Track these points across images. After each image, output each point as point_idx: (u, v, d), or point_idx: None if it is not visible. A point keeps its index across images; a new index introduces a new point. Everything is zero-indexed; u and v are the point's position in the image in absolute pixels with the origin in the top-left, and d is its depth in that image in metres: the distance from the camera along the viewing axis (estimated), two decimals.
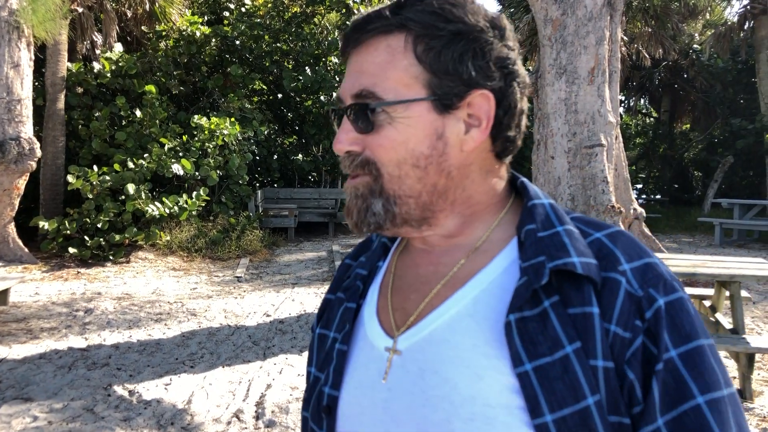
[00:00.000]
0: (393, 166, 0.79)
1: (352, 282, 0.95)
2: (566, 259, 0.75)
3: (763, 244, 12.42)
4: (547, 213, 0.83)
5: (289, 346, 5.58)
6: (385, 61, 0.79)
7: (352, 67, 0.81)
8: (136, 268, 9.12)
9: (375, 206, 0.81)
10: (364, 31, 0.80)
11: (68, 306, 6.87)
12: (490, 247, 0.83)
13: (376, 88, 0.78)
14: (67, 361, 5.07)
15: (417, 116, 0.78)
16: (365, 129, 0.80)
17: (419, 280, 0.87)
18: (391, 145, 0.79)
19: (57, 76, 10.50)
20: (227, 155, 11.72)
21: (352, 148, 0.81)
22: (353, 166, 0.81)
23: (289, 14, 15.96)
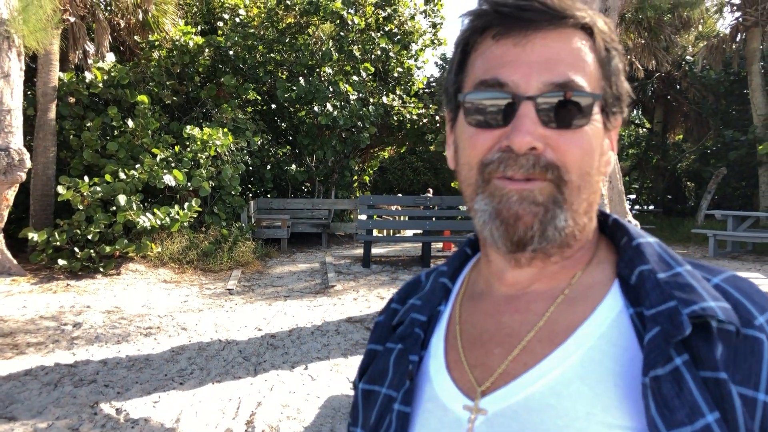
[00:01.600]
0: (578, 173, 0.69)
1: (409, 329, 0.82)
2: (703, 304, 0.64)
3: (757, 255, 12.41)
4: (659, 253, 0.73)
5: (280, 362, 5.49)
6: (583, 55, 0.70)
7: (536, 50, 0.69)
8: (126, 280, 9.01)
9: (560, 219, 0.69)
10: (554, 16, 0.69)
11: (56, 320, 6.76)
12: (589, 293, 0.72)
13: (583, 81, 0.69)
14: (53, 377, 4.96)
15: (600, 122, 0.71)
16: (565, 125, 0.68)
17: (503, 331, 0.74)
18: (585, 149, 0.69)
19: (48, 86, 10.41)
20: (220, 166, 11.65)
21: (537, 144, 0.67)
22: (537, 168, 0.67)
23: (283, 25, 15.95)
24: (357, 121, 14.81)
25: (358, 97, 15.37)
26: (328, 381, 5.01)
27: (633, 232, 0.75)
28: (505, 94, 0.69)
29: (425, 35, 18.50)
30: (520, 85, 0.68)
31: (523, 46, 0.69)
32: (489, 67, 0.71)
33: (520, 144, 0.67)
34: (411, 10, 17.77)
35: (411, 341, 0.81)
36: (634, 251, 0.73)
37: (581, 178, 0.69)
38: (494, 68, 0.70)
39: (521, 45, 0.69)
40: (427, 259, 10.83)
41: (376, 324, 0.93)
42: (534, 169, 0.68)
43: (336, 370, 5.27)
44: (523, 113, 0.67)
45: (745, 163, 16.85)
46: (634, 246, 0.73)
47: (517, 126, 0.67)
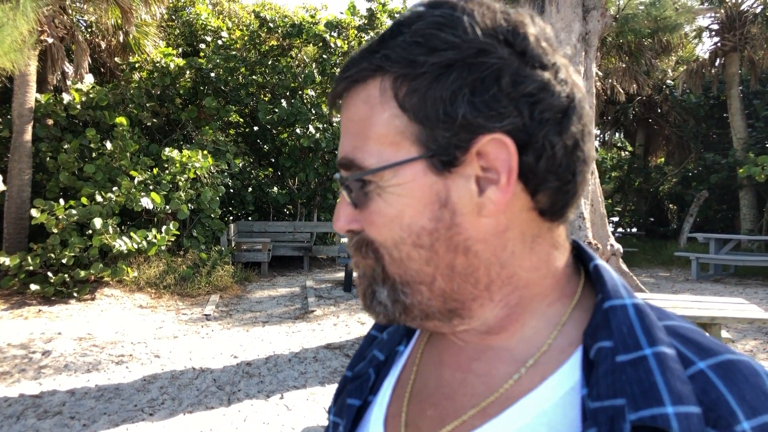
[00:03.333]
0: (391, 246, 0.60)
1: (365, 367, 0.76)
2: (655, 410, 0.51)
3: (739, 278, 12.42)
4: (631, 323, 0.58)
5: (255, 391, 5.32)
6: (364, 117, 0.60)
7: (341, 127, 0.64)
8: (101, 305, 8.80)
9: (380, 294, 0.63)
10: (342, 79, 0.62)
11: (25, 347, 6.55)
12: (543, 358, 0.61)
13: (356, 153, 0.60)
14: (16, 409, 4.76)
15: (410, 182, 0.58)
16: (355, 204, 0.63)
17: (441, 390, 0.66)
18: (382, 222, 0.60)
19: (24, 107, 10.24)
20: (199, 188, 11.50)
21: (351, 227, 0.63)
22: (354, 249, 0.64)
23: (266, 47, 15.93)
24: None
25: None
26: (304, 411, 4.85)
27: (610, 289, 0.62)
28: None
29: None
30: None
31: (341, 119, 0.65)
32: None
33: (336, 228, 0.65)
34: None
35: (360, 383, 0.75)
36: (602, 317, 0.60)
37: (396, 247, 0.60)
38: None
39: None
40: None
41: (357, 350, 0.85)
42: (353, 249, 0.64)
43: (313, 400, 5.11)
44: (341, 196, 0.65)
45: (726, 186, 16.99)
46: (604, 310, 0.60)
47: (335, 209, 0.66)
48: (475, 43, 0.56)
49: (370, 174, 0.59)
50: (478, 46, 0.56)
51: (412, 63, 0.57)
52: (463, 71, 0.56)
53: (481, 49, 0.56)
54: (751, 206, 15.96)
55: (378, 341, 0.80)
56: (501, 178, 0.58)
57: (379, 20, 16.90)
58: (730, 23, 16.27)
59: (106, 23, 12.62)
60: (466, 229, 0.59)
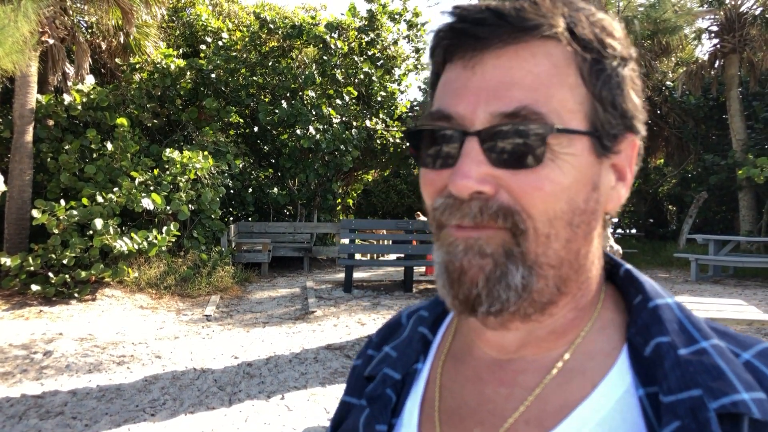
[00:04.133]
0: (546, 220, 0.56)
1: (379, 389, 0.70)
2: (735, 396, 0.52)
3: (738, 280, 12.44)
4: (680, 319, 0.59)
5: (256, 392, 5.34)
6: (549, 74, 0.56)
7: (487, 74, 0.56)
8: (101, 306, 8.82)
9: (513, 277, 0.56)
10: (514, 27, 0.56)
11: (26, 348, 6.57)
12: (589, 365, 0.60)
13: (541, 107, 0.55)
14: (18, 410, 4.78)
15: (579, 155, 0.57)
16: (521, 163, 0.55)
17: (485, 407, 0.62)
18: (553, 190, 0.56)
19: (25, 108, 10.27)
20: (200, 189, 11.52)
21: (483, 188, 0.55)
22: (485, 215, 0.56)
23: (266, 48, 15.96)
24: (340, 145, 14.79)
25: (341, 120, 15.37)
26: (304, 411, 4.87)
27: (649, 289, 0.62)
28: (450, 129, 0.58)
29: (408, 60, 18.60)
30: (465, 117, 0.57)
31: (473, 69, 0.57)
32: (439, 97, 0.60)
33: (459, 189, 0.55)
34: (394, 35, 17.87)
35: (380, 405, 0.68)
36: (650, 315, 0.60)
37: (550, 224, 0.56)
38: (442, 98, 0.59)
39: (470, 68, 0.58)
40: (409, 283, 10.73)
41: (353, 369, 0.80)
42: (481, 216, 0.56)
43: (313, 400, 5.14)
44: (465, 152, 0.56)
45: (725, 188, 17.00)
46: (651, 309, 0.60)
47: (457, 168, 0.56)
48: (631, 50, 0.61)
49: (563, 133, 0.56)
50: (633, 53, 0.61)
51: (601, 42, 0.59)
52: (629, 69, 0.61)
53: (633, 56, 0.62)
54: (750, 207, 15.97)
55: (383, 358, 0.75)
56: (627, 177, 0.62)
57: (379, 21, 16.94)
58: (729, 25, 16.28)
59: (106, 24, 12.64)
60: (599, 218, 0.60)
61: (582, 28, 0.58)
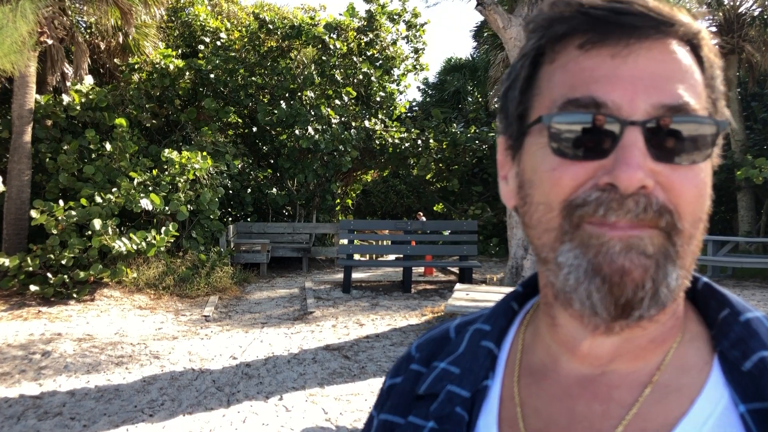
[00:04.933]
0: (691, 220, 0.54)
1: (447, 407, 0.66)
2: None
3: (736, 280, 12.44)
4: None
5: (254, 392, 5.34)
6: (693, 72, 0.56)
7: (641, 65, 0.54)
8: (100, 306, 8.82)
9: (672, 276, 0.54)
10: (662, 22, 0.55)
11: (25, 348, 6.57)
12: (683, 380, 0.57)
13: (697, 105, 0.54)
14: (17, 410, 4.78)
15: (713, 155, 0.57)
16: (681, 159, 0.54)
17: (579, 424, 0.58)
18: (702, 190, 0.55)
19: (24, 108, 10.27)
20: (198, 190, 11.52)
21: (647, 183, 0.52)
22: (648, 212, 0.53)
23: (265, 48, 15.95)
24: (339, 145, 14.79)
25: (340, 120, 15.37)
26: (303, 412, 4.87)
27: (736, 303, 0.60)
28: (605, 117, 0.54)
29: (407, 60, 18.60)
30: (622, 106, 0.54)
31: (624, 58, 0.55)
32: (577, 83, 0.56)
33: (629, 181, 0.52)
34: (393, 36, 17.88)
35: (452, 424, 0.64)
36: (744, 329, 0.58)
37: (694, 225, 0.55)
38: (585, 84, 0.55)
39: (621, 57, 0.55)
40: (407, 284, 10.73)
41: (392, 387, 0.75)
42: (645, 214, 0.53)
43: (312, 401, 5.14)
44: (629, 142, 0.53)
45: (724, 188, 17.00)
46: (743, 322, 0.58)
47: (624, 158, 0.52)
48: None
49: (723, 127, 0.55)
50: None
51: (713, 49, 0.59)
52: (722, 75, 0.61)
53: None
54: (748, 208, 15.98)
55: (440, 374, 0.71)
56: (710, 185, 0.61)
57: (378, 22, 16.94)
58: (728, 26, 16.30)
59: (105, 24, 12.64)
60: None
61: (708, 38, 0.58)
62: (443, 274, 13.18)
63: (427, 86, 28.65)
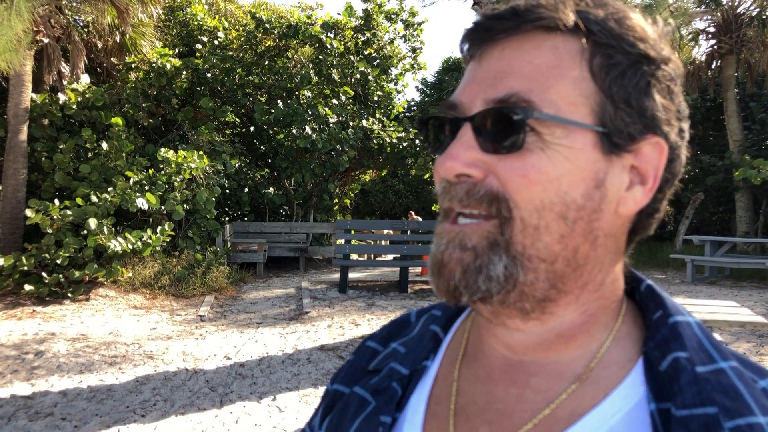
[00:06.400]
0: (532, 209, 0.56)
1: (385, 382, 0.70)
2: (750, 419, 0.51)
3: (734, 281, 12.44)
4: (699, 338, 0.59)
5: (248, 393, 5.32)
6: (550, 65, 0.56)
7: (491, 65, 0.58)
8: (95, 306, 8.79)
9: (494, 267, 0.56)
10: (522, 19, 0.57)
11: (18, 348, 6.53)
12: (603, 374, 0.59)
13: (533, 96, 0.56)
14: (7, 410, 4.75)
15: (579, 149, 0.56)
16: (503, 147, 0.56)
17: (494, 406, 0.62)
18: (539, 179, 0.55)
19: (20, 107, 10.24)
20: (195, 189, 11.50)
21: (470, 171, 0.56)
22: (471, 198, 0.56)
23: (262, 48, 15.93)
24: (336, 145, 14.77)
25: (337, 120, 15.35)
26: (296, 413, 4.85)
27: (670, 306, 0.62)
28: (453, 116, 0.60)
29: (405, 59, 18.57)
30: (465, 105, 0.59)
31: (480, 61, 0.60)
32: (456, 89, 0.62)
33: (444, 170, 0.57)
34: (390, 35, 17.85)
35: (386, 398, 0.68)
36: (669, 331, 0.59)
37: (538, 215, 0.56)
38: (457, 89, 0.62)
39: (479, 60, 0.60)
40: (404, 284, 10.71)
41: (347, 363, 0.79)
42: (468, 199, 0.56)
43: (305, 401, 5.11)
44: (458, 136, 0.58)
45: (722, 189, 17.01)
46: (671, 324, 0.60)
47: (446, 150, 0.58)
48: (664, 52, 0.61)
49: (552, 121, 0.56)
50: (666, 55, 0.61)
51: (619, 38, 0.58)
52: (656, 69, 0.59)
53: (668, 59, 0.61)
54: (746, 209, 15.98)
55: (389, 353, 0.74)
56: (649, 181, 0.60)
57: (375, 21, 16.92)
58: (726, 26, 16.30)
59: (102, 23, 12.61)
60: (604, 218, 0.58)
61: (596, 24, 0.58)
62: None
63: (425, 86, 28.66)
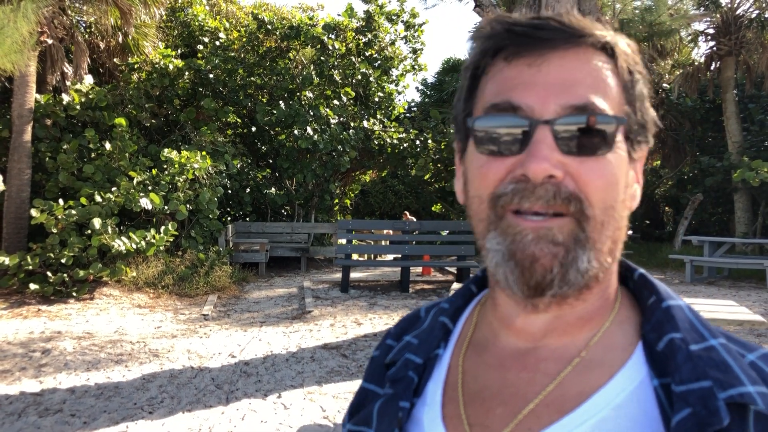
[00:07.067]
0: (602, 207, 0.62)
1: (402, 371, 0.75)
2: (741, 389, 0.57)
3: (732, 281, 12.52)
4: (691, 320, 0.65)
5: (253, 390, 5.40)
6: (602, 76, 0.64)
7: (552, 72, 0.63)
8: (99, 305, 8.86)
9: (582, 260, 0.61)
10: (572, 34, 0.64)
11: (25, 346, 6.61)
12: (607, 357, 0.65)
13: (605, 104, 0.63)
14: (17, 407, 4.83)
15: (624, 152, 0.65)
16: (587, 150, 0.62)
17: (508, 390, 0.67)
18: (609, 179, 0.62)
19: (24, 107, 10.31)
20: (198, 189, 11.57)
21: (555, 172, 0.60)
22: (557, 199, 0.61)
23: (264, 49, 15.99)
24: (337, 145, 14.84)
25: (338, 121, 15.41)
26: (301, 410, 4.93)
27: (662, 291, 0.68)
28: (520, 118, 0.63)
29: (406, 61, 18.64)
30: (535, 108, 0.62)
31: (538, 66, 0.64)
32: (501, 90, 0.65)
33: (536, 171, 0.60)
34: (391, 36, 17.92)
35: (403, 385, 0.73)
36: (663, 314, 0.65)
37: (605, 212, 0.62)
38: (506, 91, 0.65)
39: (536, 66, 0.64)
40: (405, 284, 10.79)
41: (372, 360, 0.85)
42: (554, 200, 0.61)
43: (310, 399, 5.19)
44: (539, 138, 0.61)
45: (721, 189, 17.06)
46: (664, 308, 0.66)
47: (533, 152, 0.61)
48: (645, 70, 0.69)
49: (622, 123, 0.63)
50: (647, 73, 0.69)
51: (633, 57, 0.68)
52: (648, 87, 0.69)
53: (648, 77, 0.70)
54: (745, 209, 16.05)
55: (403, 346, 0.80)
56: (641, 181, 0.70)
57: (376, 22, 16.98)
58: (725, 28, 16.37)
59: (105, 24, 12.69)
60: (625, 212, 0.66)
61: (623, 46, 0.67)
62: (441, 273, 13.24)
63: (425, 87, 28.72)
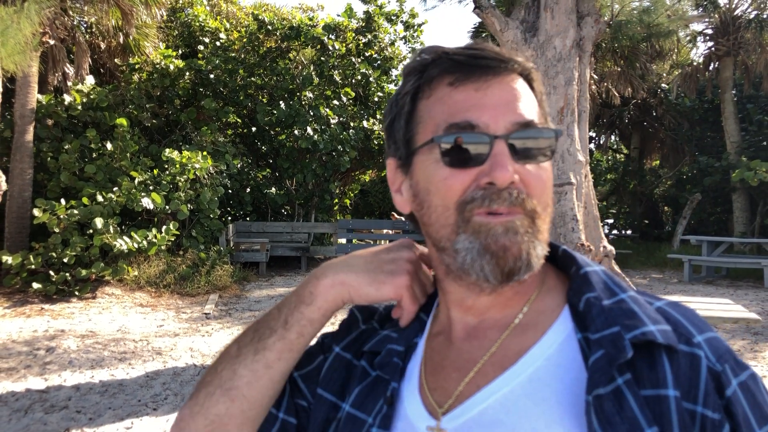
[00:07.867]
0: (543, 205, 0.75)
1: (387, 358, 0.86)
2: (644, 329, 0.69)
3: (730, 281, 12.58)
4: (605, 281, 0.77)
5: None
6: (530, 97, 0.79)
7: (496, 94, 0.76)
8: (102, 304, 8.92)
9: (539, 248, 0.74)
10: (507, 63, 0.78)
11: (29, 344, 6.67)
12: (539, 319, 0.78)
13: (541, 119, 0.79)
14: (24, 403, 4.89)
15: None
16: (534, 159, 0.75)
17: (461, 357, 0.80)
18: (546, 182, 0.77)
19: (26, 107, 10.36)
20: (198, 189, 11.62)
21: (515, 179, 0.73)
22: (517, 201, 0.73)
23: (264, 49, 16.05)
24: (337, 145, 14.88)
25: (338, 121, 15.46)
26: None
27: (581, 261, 0.81)
28: (479, 134, 0.74)
29: (405, 61, 18.65)
30: (489, 125, 0.73)
31: (485, 90, 0.75)
32: (455, 111, 0.76)
33: (503, 179, 0.71)
34: (391, 36, 17.97)
35: (390, 369, 0.84)
36: (581, 279, 0.78)
37: (545, 209, 0.76)
38: (462, 112, 0.75)
39: (482, 90, 0.75)
40: None
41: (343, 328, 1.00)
42: (516, 201, 0.72)
43: None
44: (498, 151, 0.72)
45: (719, 189, 17.13)
46: (582, 274, 0.78)
47: (498, 162, 0.72)
48: None
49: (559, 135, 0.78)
50: None
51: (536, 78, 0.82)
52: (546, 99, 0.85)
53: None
54: (743, 209, 16.13)
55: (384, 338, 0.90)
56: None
57: (376, 23, 17.03)
58: (724, 28, 16.45)
59: (106, 24, 12.75)
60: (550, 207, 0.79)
61: (535, 72, 0.82)
62: None
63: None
